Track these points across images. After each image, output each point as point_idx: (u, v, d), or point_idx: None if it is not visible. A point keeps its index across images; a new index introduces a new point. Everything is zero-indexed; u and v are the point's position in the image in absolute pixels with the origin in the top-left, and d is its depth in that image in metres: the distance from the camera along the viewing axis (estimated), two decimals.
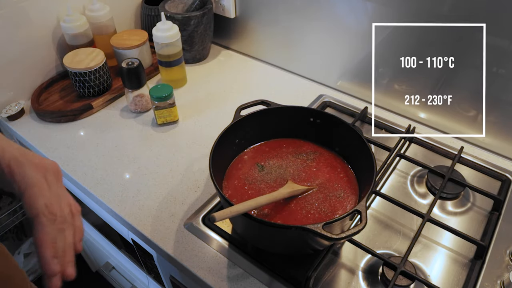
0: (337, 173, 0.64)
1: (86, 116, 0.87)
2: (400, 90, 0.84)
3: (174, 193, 0.70)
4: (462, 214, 0.67)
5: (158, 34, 0.86)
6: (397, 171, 0.74)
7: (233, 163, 0.66)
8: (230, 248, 0.61)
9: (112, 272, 1.19)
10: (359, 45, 0.85)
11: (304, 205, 0.59)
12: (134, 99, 0.85)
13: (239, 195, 0.61)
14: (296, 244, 0.56)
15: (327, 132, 0.67)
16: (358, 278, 0.58)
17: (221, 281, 0.57)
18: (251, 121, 0.66)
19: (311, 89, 0.95)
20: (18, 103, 0.86)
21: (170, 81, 0.94)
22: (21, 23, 0.84)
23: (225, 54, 1.09)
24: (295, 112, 0.68)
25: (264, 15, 0.97)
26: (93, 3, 0.91)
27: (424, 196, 0.70)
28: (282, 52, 1.00)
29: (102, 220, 0.85)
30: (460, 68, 0.72)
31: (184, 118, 0.87)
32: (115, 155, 0.78)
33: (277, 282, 0.56)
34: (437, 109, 0.80)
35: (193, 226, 0.64)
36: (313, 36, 0.91)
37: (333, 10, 0.84)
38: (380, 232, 0.64)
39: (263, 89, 0.95)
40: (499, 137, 0.75)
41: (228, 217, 0.48)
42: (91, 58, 0.85)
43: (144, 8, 1.03)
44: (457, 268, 0.59)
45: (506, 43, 0.67)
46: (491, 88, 0.71)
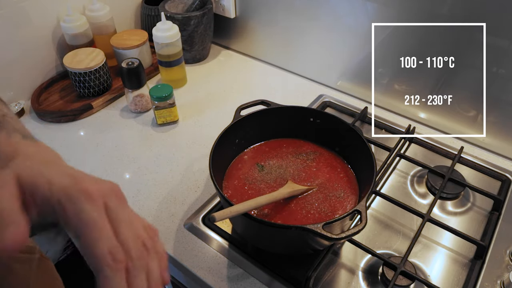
0: (337, 173, 0.64)
1: (86, 116, 0.87)
2: (400, 90, 0.84)
3: (174, 193, 0.70)
4: (462, 214, 0.67)
5: (158, 34, 0.86)
6: (397, 171, 0.74)
7: (233, 163, 0.66)
8: (230, 248, 0.61)
9: None
10: (359, 45, 0.85)
11: (304, 205, 0.59)
12: (134, 99, 0.85)
13: (239, 195, 0.61)
14: (296, 244, 0.56)
15: (327, 132, 0.67)
16: (358, 278, 0.58)
17: (221, 281, 0.57)
18: (251, 121, 0.66)
19: (311, 89, 0.95)
20: (18, 103, 0.86)
21: (170, 81, 0.94)
22: (21, 23, 0.84)
23: (225, 54, 1.09)
24: (295, 112, 0.68)
25: (264, 15, 0.97)
26: (93, 3, 0.91)
27: (424, 196, 0.70)
28: (282, 52, 1.00)
29: None
30: (460, 68, 0.72)
31: (184, 118, 0.87)
32: (115, 155, 0.78)
33: (277, 282, 0.56)
34: (437, 109, 0.80)
35: (193, 226, 0.64)
36: (313, 36, 0.91)
37: (333, 10, 0.84)
38: (380, 232, 0.64)
39: (263, 89, 0.95)
40: (499, 137, 0.75)
41: (228, 217, 0.48)
42: (91, 58, 0.85)
43: (144, 8, 1.03)
44: (457, 268, 0.59)
45: (506, 43, 0.67)
46: (491, 88, 0.71)
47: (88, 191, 0.30)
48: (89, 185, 0.31)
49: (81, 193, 0.30)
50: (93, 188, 0.31)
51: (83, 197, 0.30)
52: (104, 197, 0.31)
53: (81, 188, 0.30)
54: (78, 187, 0.30)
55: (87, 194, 0.30)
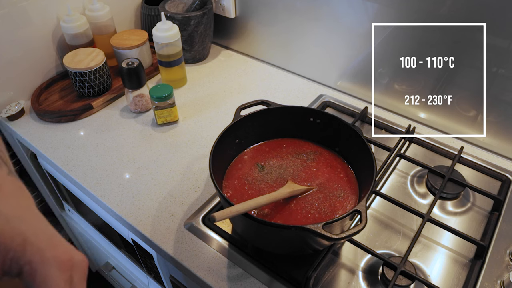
0: (337, 173, 0.64)
1: (86, 116, 0.87)
2: (400, 90, 0.84)
3: (174, 193, 0.70)
4: (462, 214, 0.67)
5: (158, 34, 0.86)
6: (397, 171, 0.74)
7: (233, 163, 0.66)
8: (230, 248, 0.61)
9: (112, 272, 1.19)
10: (359, 45, 0.85)
11: (304, 205, 0.59)
12: (134, 99, 0.85)
13: (239, 195, 0.61)
14: (296, 244, 0.56)
15: (327, 132, 0.67)
16: (358, 278, 0.58)
17: (221, 281, 0.57)
18: (251, 121, 0.66)
19: (311, 89, 0.95)
20: (18, 103, 0.86)
21: (170, 81, 0.94)
22: (21, 23, 0.84)
23: (225, 54, 1.09)
24: (295, 112, 0.68)
25: (264, 15, 0.97)
26: (93, 3, 0.91)
27: (424, 196, 0.70)
28: (282, 52, 1.00)
29: (102, 220, 0.85)
30: (460, 68, 0.72)
31: (184, 118, 0.87)
32: (115, 155, 0.78)
33: (277, 282, 0.56)
34: (437, 109, 0.80)
35: (193, 226, 0.64)
36: (313, 36, 0.91)
37: (333, 10, 0.84)
38: (380, 232, 0.64)
39: (263, 89, 0.95)
40: (499, 137, 0.75)
41: (228, 217, 0.48)
42: (91, 58, 0.85)
43: (144, 8, 1.03)
44: (457, 268, 0.59)
45: (506, 43, 0.67)
46: (491, 88, 0.71)
47: (62, 259, 0.30)
48: (63, 253, 0.31)
49: (54, 260, 0.30)
50: (66, 257, 0.31)
51: (56, 264, 0.30)
52: (72, 269, 0.31)
53: (55, 255, 0.30)
54: (53, 253, 0.30)
55: (60, 262, 0.30)
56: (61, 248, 0.31)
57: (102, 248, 1.09)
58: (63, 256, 0.30)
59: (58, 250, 0.30)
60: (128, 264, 1.01)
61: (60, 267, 0.30)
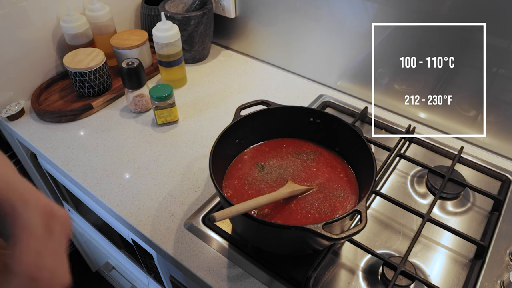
0: (337, 173, 0.64)
1: (86, 116, 0.87)
2: (400, 90, 0.84)
3: (174, 193, 0.70)
4: (462, 214, 0.67)
5: (158, 34, 0.86)
6: (397, 171, 0.74)
7: (233, 163, 0.66)
8: (230, 248, 0.61)
9: (112, 272, 1.19)
10: (359, 45, 0.85)
11: (304, 205, 0.59)
12: (134, 99, 0.85)
13: (239, 195, 0.61)
14: (296, 244, 0.56)
15: (327, 132, 0.67)
16: (358, 278, 0.58)
17: (221, 281, 0.57)
18: (251, 121, 0.66)
19: (311, 89, 0.95)
20: (18, 103, 0.86)
21: (170, 81, 0.94)
22: (21, 23, 0.84)
23: (225, 54, 1.09)
24: (295, 112, 0.68)
25: (264, 15, 0.97)
26: (93, 3, 0.91)
27: (424, 196, 0.70)
28: (282, 52, 1.00)
29: (102, 220, 0.85)
30: (460, 68, 0.72)
31: (184, 118, 0.87)
32: (115, 155, 0.78)
33: (277, 282, 0.56)
34: (437, 109, 0.80)
35: (193, 226, 0.64)
36: (313, 36, 0.91)
37: (333, 10, 0.84)
38: (380, 232, 0.64)
39: (263, 89, 0.95)
40: (499, 137, 0.75)
41: (228, 217, 0.48)
42: (91, 58, 0.85)
43: (144, 8, 1.03)
44: (457, 268, 0.59)
45: (506, 43, 0.67)
46: (491, 88, 0.71)
47: (44, 208, 0.31)
48: (45, 204, 0.32)
49: (36, 207, 0.31)
50: (49, 208, 0.32)
51: (37, 211, 0.31)
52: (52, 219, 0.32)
53: (38, 204, 0.31)
54: (36, 202, 0.31)
55: (42, 210, 0.31)
56: (44, 200, 0.32)
57: (102, 248, 1.09)
58: (45, 206, 0.32)
59: (41, 201, 0.32)
60: (128, 264, 1.01)
61: (41, 214, 0.31)
